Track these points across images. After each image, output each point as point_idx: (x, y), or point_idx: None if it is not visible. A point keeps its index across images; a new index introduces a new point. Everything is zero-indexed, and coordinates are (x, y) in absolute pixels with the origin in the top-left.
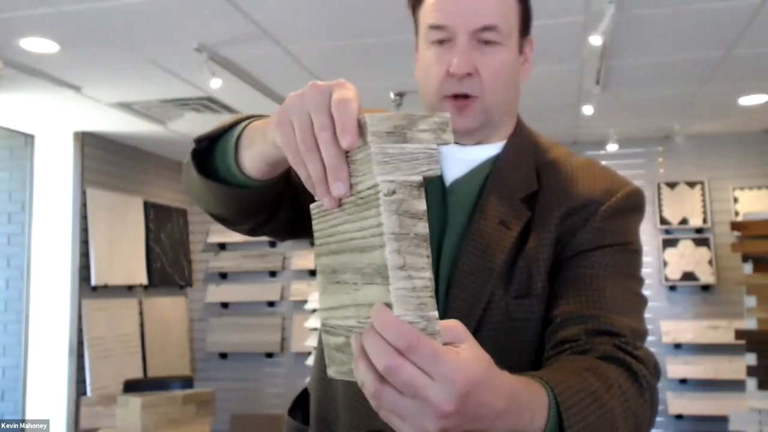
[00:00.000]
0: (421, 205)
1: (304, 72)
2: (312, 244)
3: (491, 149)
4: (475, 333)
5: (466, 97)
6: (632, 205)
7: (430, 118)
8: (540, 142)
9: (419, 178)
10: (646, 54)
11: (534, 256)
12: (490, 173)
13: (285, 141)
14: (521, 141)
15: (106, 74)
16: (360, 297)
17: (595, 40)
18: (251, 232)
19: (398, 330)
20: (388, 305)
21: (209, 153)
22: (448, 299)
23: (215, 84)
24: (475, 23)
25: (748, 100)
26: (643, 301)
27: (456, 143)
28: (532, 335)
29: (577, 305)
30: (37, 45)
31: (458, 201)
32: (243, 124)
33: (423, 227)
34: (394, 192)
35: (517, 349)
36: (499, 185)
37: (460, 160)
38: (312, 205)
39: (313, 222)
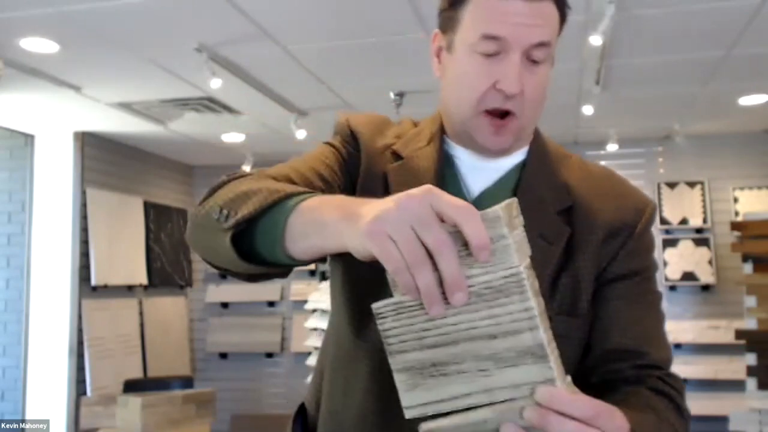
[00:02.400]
0: (537, 283)
1: (304, 72)
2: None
3: (515, 157)
4: None
5: (504, 114)
6: (654, 220)
7: (513, 207)
8: (553, 146)
9: (530, 252)
10: (646, 54)
11: (581, 275)
12: (519, 183)
13: (385, 255)
14: (541, 147)
15: (106, 74)
16: (495, 381)
17: (595, 40)
18: (251, 280)
19: (583, 403)
20: (549, 380)
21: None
22: None
23: (215, 84)
24: (532, 39)
25: (748, 100)
26: (664, 321)
27: (480, 154)
28: (571, 352)
29: (620, 339)
30: (37, 45)
31: None
32: (288, 205)
33: (543, 303)
34: (528, 277)
35: None
36: (531, 196)
37: (486, 169)
38: (378, 306)
39: (384, 321)
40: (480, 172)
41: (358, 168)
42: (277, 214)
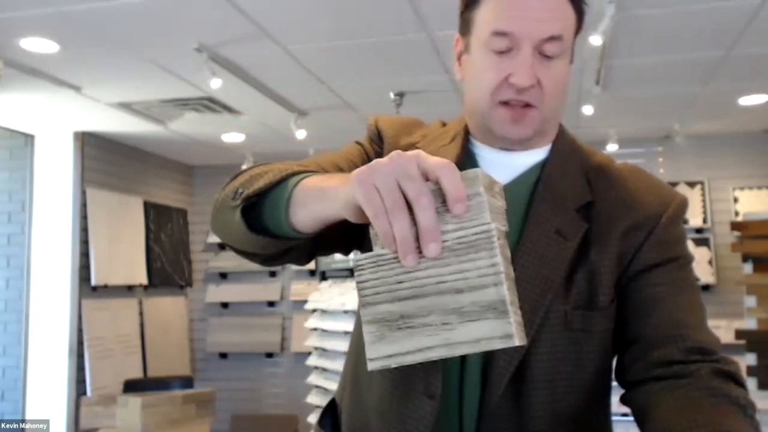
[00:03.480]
0: (509, 252)
1: (304, 72)
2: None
3: (537, 154)
4: (533, 341)
5: (524, 105)
6: (683, 213)
7: (496, 183)
8: (581, 146)
9: (506, 228)
10: (646, 54)
11: (597, 269)
12: (539, 180)
13: (367, 199)
14: (565, 145)
15: (106, 74)
16: (456, 335)
17: (595, 40)
18: (266, 263)
19: None
20: (508, 336)
21: (255, 205)
22: None
23: (215, 84)
24: (542, 33)
25: (748, 100)
26: (706, 312)
27: (502, 149)
28: (593, 347)
29: (661, 325)
30: (37, 45)
31: (508, 208)
32: (293, 180)
33: (513, 271)
34: (499, 237)
35: (576, 359)
36: (550, 192)
37: (507, 166)
38: (358, 258)
39: (362, 273)
40: (500, 168)
41: None
42: (283, 189)
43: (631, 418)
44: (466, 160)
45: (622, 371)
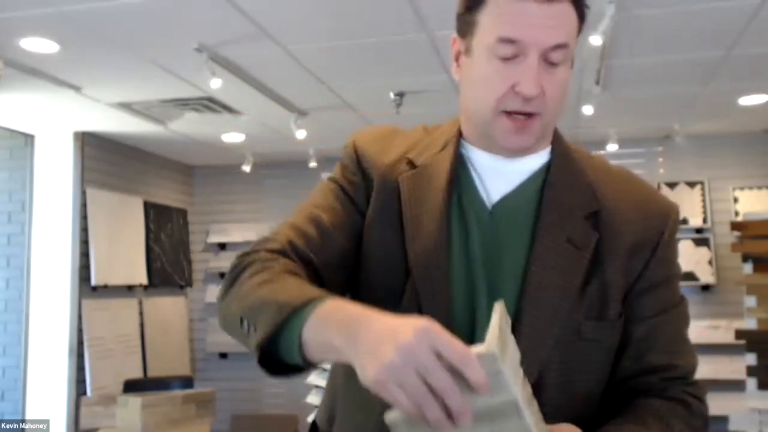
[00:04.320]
0: (529, 388)
1: (304, 72)
2: None
3: (537, 159)
4: (550, 351)
5: (527, 115)
6: (678, 225)
7: (509, 340)
8: (576, 148)
9: (523, 377)
10: (646, 54)
11: (610, 282)
12: (545, 187)
13: (397, 402)
14: (562, 148)
15: (106, 74)
16: None
17: (595, 40)
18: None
19: None
20: None
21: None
22: (521, 317)
23: (215, 84)
24: (549, 41)
25: (748, 100)
26: (689, 321)
27: (500, 155)
28: (601, 356)
29: (659, 359)
30: (37, 45)
31: (512, 216)
32: (299, 321)
33: (536, 409)
34: (523, 398)
35: (587, 369)
36: (558, 200)
37: (508, 173)
38: (392, 417)
39: (398, 429)
40: (501, 175)
41: (366, 193)
42: (289, 334)
43: None
44: (459, 168)
45: (608, 389)
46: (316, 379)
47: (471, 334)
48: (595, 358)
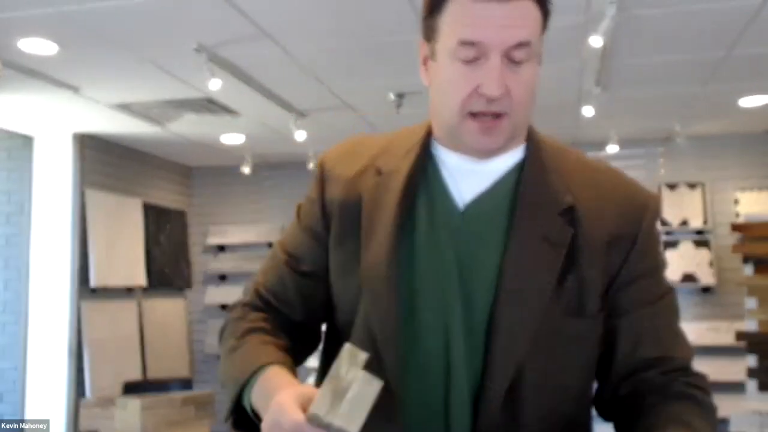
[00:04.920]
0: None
1: (304, 72)
2: None
3: (510, 158)
4: (528, 351)
5: (494, 116)
6: (659, 215)
7: (344, 361)
8: (552, 144)
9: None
10: (646, 54)
11: (587, 278)
12: (518, 185)
13: None
14: (538, 145)
15: (105, 75)
16: None
17: (595, 40)
18: None
19: None
20: None
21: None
22: (496, 318)
23: (214, 85)
24: (510, 40)
25: (748, 101)
26: (679, 311)
27: (472, 156)
28: (582, 353)
29: (652, 351)
30: (36, 46)
31: (485, 217)
32: (247, 391)
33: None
34: None
35: (567, 366)
36: (532, 198)
37: (480, 174)
38: None
39: None
40: (473, 176)
41: (324, 221)
42: (245, 401)
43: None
44: (424, 171)
45: (607, 388)
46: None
47: (446, 340)
48: (576, 355)
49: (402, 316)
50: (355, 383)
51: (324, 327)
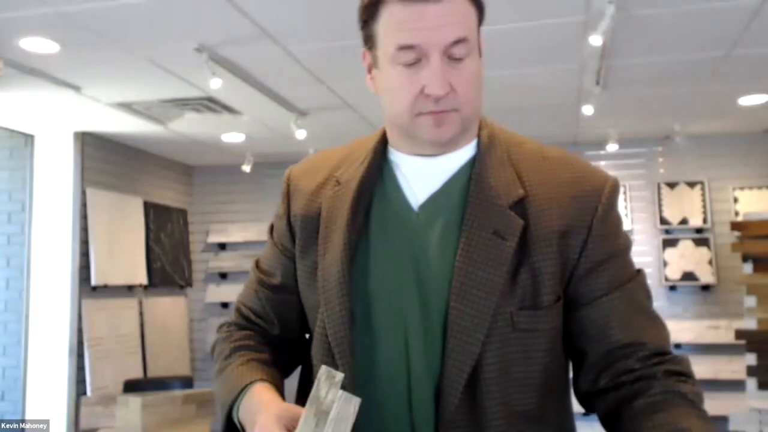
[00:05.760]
0: None
1: (304, 72)
2: None
3: (463, 154)
4: (483, 345)
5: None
6: (617, 197)
7: (322, 382)
8: (507, 136)
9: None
10: (646, 54)
11: (540, 268)
12: (470, 181)
13: None
14: (489, 139)
15: (106, 74)
16: None
17: (595, 40)
18: None
19: None
20: None
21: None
22: (450, 315)
23: (215, 84)
24: (446, 39)
25: (748, 100)
26: (650, 294)
27: (424, 155)
28: (541, 345)
29: (621, 338)
30: (37, 45)
31: (439, 215)
32: (235, 408)
33: None
34: None
35: (526, 359)
36: (483, 192)
37: (432, 173)
38: None
39: None
40: (427, 176)
41: (290, 232)
42: (235, 418)
43: (595, 417)
44: (379, 176)
45: (585, 380)
46: None
47: (405, 340)
48: (535, 347)
49: (353, 320)
50: (336, 403)
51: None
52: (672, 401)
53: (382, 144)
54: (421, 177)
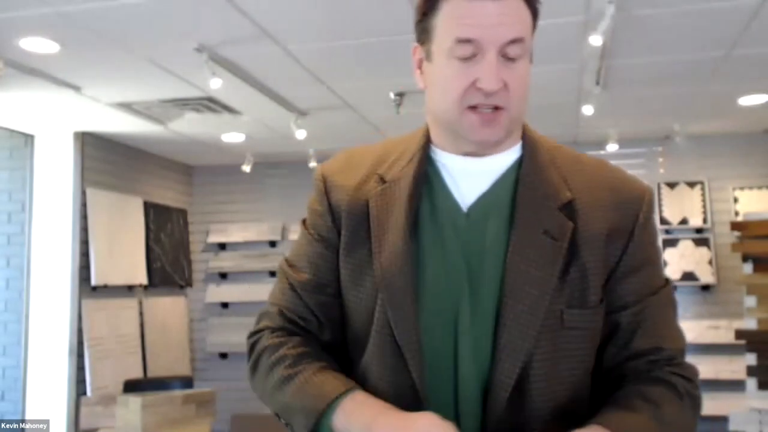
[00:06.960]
0: None
1: (304, 72)
2: None
3: (508, 156)
4: (535, 342)
5: (492, 109)
6: (654, 207)
7: None
8: (546, 141)
9: None
10: (646, 54)
11: (588, 269)
12: (518, 183)
13: None
14: (533, 142)
15: (106, 74)
16: None
17: (595, 40)
18: None
19: None
20: None
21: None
22: (503, 311)
23: (215, 84)
24: (504, 37)
25: (748, 100)
26: (676, 304)
27: (471, 155)
28: (584, 343)
29: (644, 344)
30: (37, 45)
31: (488, 215)
32: (329, 418)
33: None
34: None
35: (571, 357)
36: (532, 193)
37: (480, 172)
38: None
39: None
40: (474, 176)
41: (335, 226)
42: (322, 429)
43: None
44: (427, 177)
45: (598, 373)
46: None
47: (454, 337)
48: (580, 345)
49: (419, 313)
50: None
51: None
52: (658, 385)
53: (428, 143)
54: (468, 177)
